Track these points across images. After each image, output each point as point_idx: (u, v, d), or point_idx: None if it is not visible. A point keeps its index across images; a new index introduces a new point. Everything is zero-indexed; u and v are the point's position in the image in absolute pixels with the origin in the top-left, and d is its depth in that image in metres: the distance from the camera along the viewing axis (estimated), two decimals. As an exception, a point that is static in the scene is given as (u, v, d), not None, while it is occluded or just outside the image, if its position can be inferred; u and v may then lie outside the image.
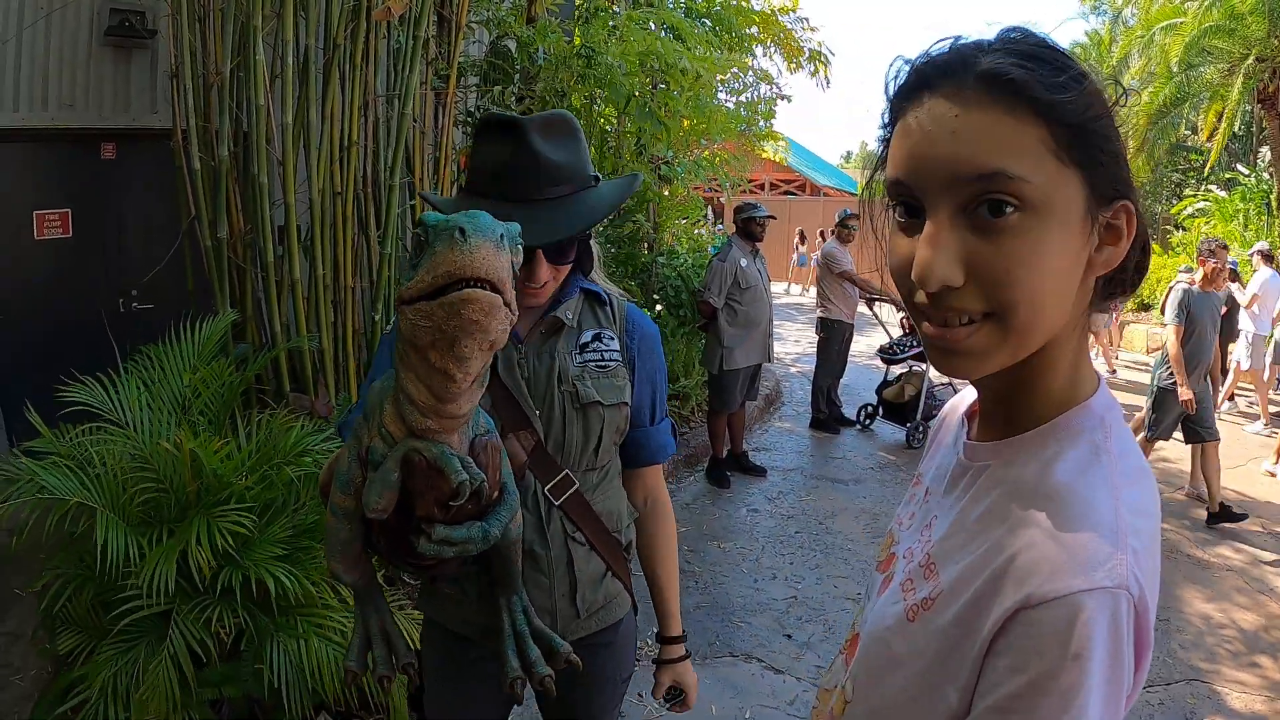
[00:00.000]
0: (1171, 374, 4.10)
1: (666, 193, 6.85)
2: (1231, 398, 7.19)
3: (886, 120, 0.56)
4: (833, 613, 3.08)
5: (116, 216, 4.04)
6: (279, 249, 2.72)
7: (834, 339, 5.37)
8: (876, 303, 5.72)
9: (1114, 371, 8.28)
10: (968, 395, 0.70)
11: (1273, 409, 6.82)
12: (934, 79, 0.51)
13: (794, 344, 9.58)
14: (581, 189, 1.05)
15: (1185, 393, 4.03)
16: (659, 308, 6.17)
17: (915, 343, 5.41)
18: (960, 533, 0.57)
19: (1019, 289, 0.50)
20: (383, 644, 0.88)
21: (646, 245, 6.22)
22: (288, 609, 1.63)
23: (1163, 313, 4.48)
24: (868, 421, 5.67)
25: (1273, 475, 5.26)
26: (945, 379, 5.68)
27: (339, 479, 0.78)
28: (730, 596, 3.16)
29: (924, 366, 5.35)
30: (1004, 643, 0.49)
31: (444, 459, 0.67)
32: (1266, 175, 12.03)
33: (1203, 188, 14.31)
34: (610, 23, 4.64)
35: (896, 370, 5.62)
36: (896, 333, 5.69)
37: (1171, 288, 4.32)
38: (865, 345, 7.93)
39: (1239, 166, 14.16)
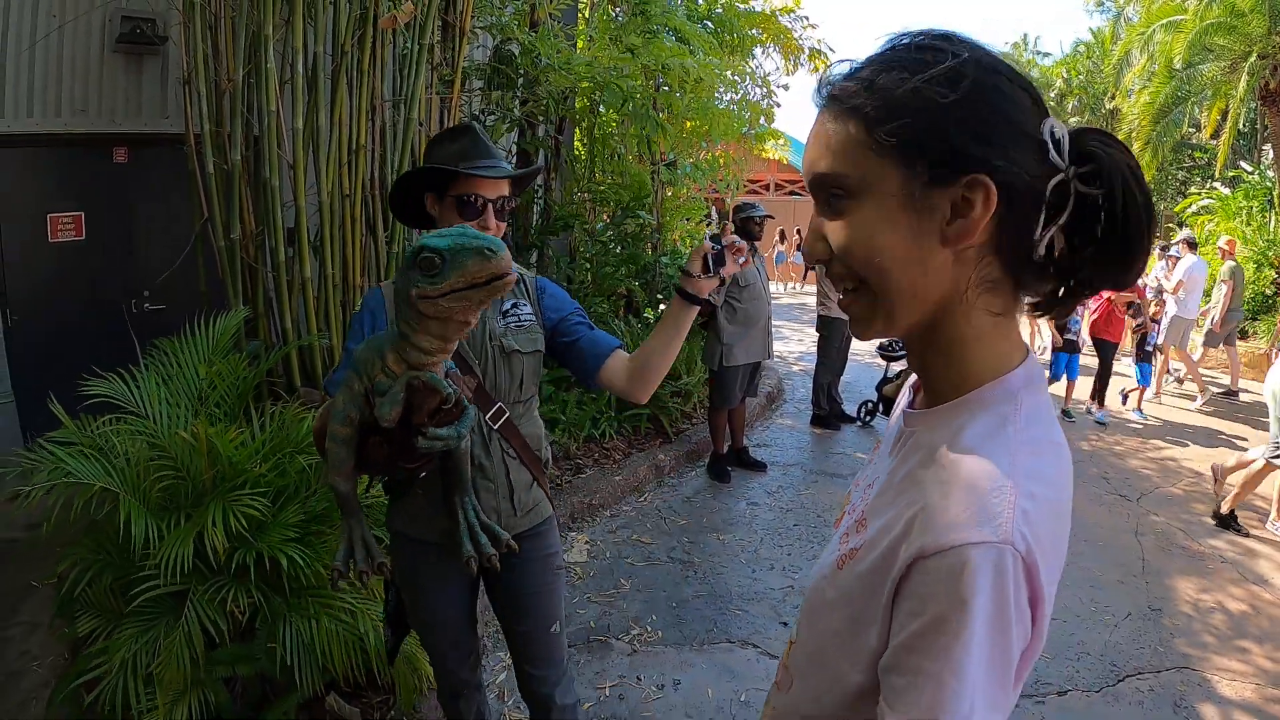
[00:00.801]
0: None
1: (670, 193, 6.93)
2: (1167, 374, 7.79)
3: None
4: (829, 603, 3.15)
5: (128, 219, 4.12)
6: (290, 249, 2.79)
7: (834, 337, 5.42)
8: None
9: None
10: None
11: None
12: (820, 100, 0.63)
13: (796, 343, 9.63)
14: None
15: None
16: (662, 307, 6.24)
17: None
18: (888, 491, 0.64)
19: (857, 258, 0.60)
20: (362, 549, 1.16)
21: (650, 245, 6.28)
22: (300, 590, 1.70)
23: None
24: (868, 418, 5.71)
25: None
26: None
27: (337, 415, 1.09)
28: (728, 586, 3.22)
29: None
30: (906, 589, 0.56)
31: (436, 381, 1.00)
32: (1270, 173, 11.98)
33: (1208, 185, 14.27)
34: (611, 26, 4.70)
35: (896, 367, 5.67)
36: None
37: None
38: (866, 343, 7.97)
39: (1243, 164, 14.12)
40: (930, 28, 0.60)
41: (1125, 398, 6.66)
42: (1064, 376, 6.15)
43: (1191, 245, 7.22)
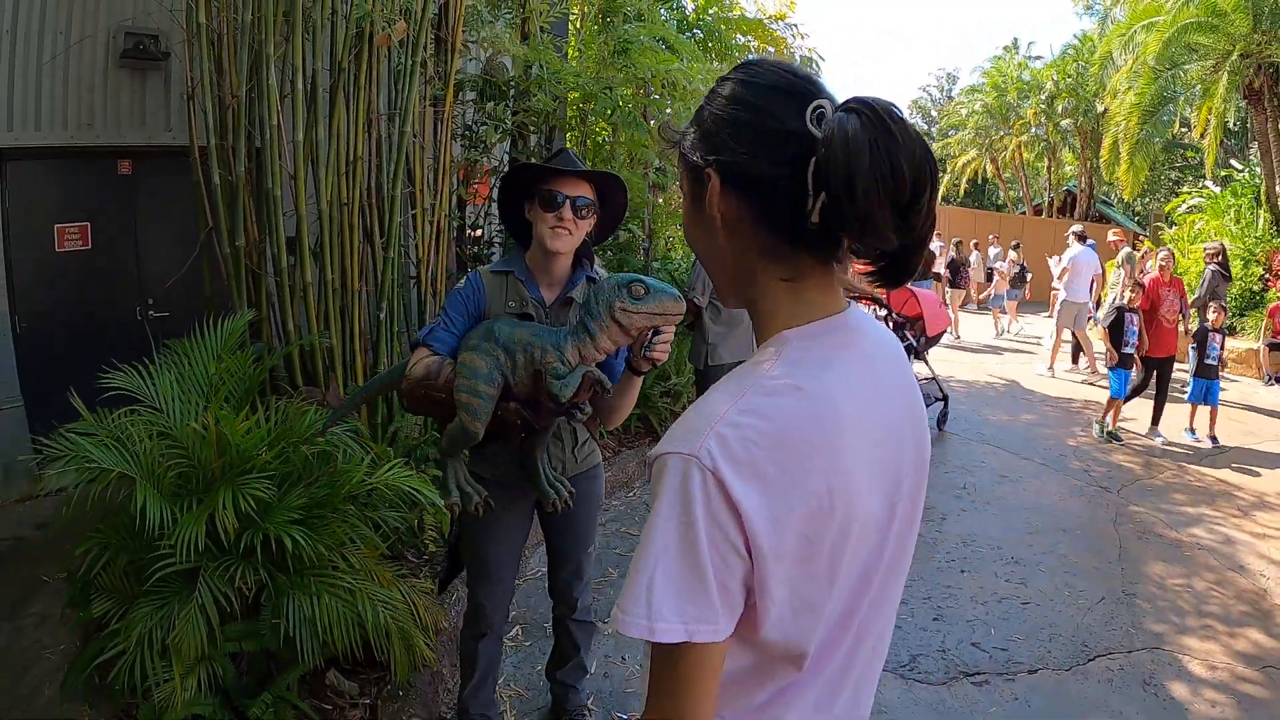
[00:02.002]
0: None
1: (661, 200, 7.06)
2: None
3: None
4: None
5: (133, 229, 4.22)
6: (291, 256, 2.92)
7: (819, 336, 5.52)
8: (861, 302, 5.88)
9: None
10: None
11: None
12: None
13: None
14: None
15: None
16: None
17: (899, 339, 5.56)
18: None
19: (688, 242, 0.80)
20: (469, 486, 1.57)
21: (642, 251, 6.41)
22: (303, 570, 1.83)
23: None
24: (855, 415, 5.80)
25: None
26: (929, 374, 5.84)
27: (484, 377, 1.47)
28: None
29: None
30: None
31: (604, 378, 1.45)
32: (1258, 170, 12.11)
33: (1200, 184, 14.40)
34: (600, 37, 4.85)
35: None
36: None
37: None
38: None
39: (1233, 162, 14.28)
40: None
41: (1193, 430, 5.92)
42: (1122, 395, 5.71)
43: (1081, 237, 7.97)
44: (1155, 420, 5.83)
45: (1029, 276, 11.75)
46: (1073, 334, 8.06)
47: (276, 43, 2.76)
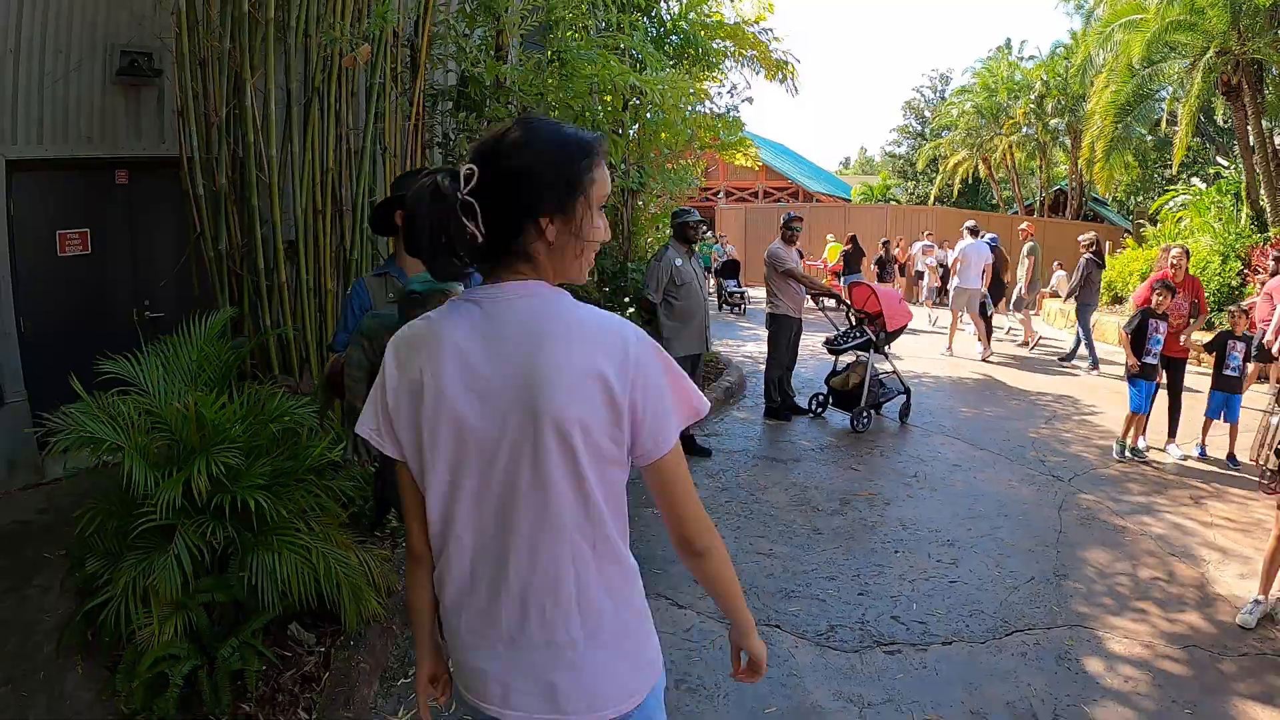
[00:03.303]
0: None
1: (640, 202, 7.33)
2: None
3: None
4: (744, 565, 3.45)
5: (129, 235, 4.48)
6: (270, 260, 3.19)
7: (782, 333, 5.76)
8: (821, 298, 6.11)
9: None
10: None
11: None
12: None
13: (764, 343, 9.94)
14: None
15: None
16: (630, 310, 6.64)
17: (859, 334, 5.79)
18: None
19: None
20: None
21: (623, 255, 6.68)
22: (267, 530, 2.11)
23: None
24: (819, 410, 6.04)
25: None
26: (890, 368, 6.06)
27: (356, 363, 2.04)
28: (654, 550, 3.44)
29: (868, 356, 5.70)
30: None
31: None
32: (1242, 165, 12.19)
33: (1192, 182, 14.48)
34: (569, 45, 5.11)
35: (845, 360, 5.99)
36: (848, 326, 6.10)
37: None
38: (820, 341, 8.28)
39: (1220, 160, 14.38)
40: None
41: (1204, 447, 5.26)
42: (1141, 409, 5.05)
43: (973, 232, 8.91)
44: (1171, 432, 5.24)
45: None
46: (973, 319, 8.95)
47: (255, 64, 3.03)
